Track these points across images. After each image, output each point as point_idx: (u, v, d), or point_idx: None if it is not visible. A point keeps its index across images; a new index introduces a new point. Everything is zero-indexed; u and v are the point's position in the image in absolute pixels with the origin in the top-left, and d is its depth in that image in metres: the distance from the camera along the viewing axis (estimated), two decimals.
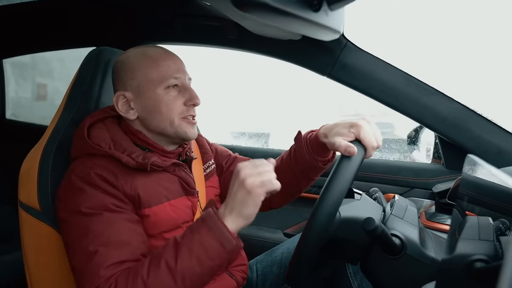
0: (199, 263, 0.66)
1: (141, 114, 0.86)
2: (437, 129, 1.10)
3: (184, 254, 0.67)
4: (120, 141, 0.84)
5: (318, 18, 0.49)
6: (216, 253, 0.67)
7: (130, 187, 0.78)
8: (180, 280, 0.66)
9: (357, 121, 0.75)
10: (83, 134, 0.83)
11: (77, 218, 0.74)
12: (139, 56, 0.86)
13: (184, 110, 0.85)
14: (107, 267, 0.68)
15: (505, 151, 1.05)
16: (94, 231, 0.72)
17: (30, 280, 0.92)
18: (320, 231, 0.66)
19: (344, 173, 0.68)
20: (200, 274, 0.67)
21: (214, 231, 0.67)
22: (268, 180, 0.68)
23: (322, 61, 1.11)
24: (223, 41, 1.19)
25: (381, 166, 1.30)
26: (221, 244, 0.66)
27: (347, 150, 0.72)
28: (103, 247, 0.70)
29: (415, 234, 0.71)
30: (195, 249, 0.67)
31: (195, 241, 0.67)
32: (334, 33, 0.54)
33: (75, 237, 0.74)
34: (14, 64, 2.42)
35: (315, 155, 0.88)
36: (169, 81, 0.84)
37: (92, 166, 0.78)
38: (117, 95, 0.86)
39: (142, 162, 0.80)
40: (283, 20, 0.47)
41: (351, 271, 1.06)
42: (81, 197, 0.75)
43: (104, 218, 0.73)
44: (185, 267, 0.66)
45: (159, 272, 0.66)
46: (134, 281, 0.66)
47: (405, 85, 1.08)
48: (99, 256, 0.69)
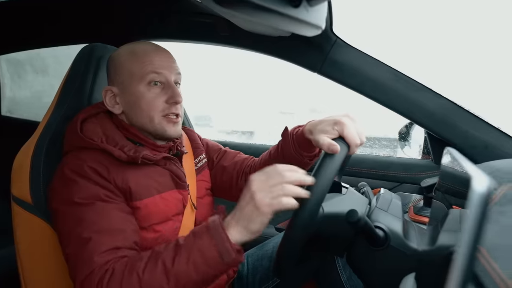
0: (195, 269, 0.65)
1: (125, 109, 0.88)
2: (425, 125, 1.12)
3: (182, 258, 0.66)
4: (112, 136, 0.85)
5: (299, 14, 0.50)
6: (213, 263, 0.65)
7: (121, 180, 0.80)
8: (174, 282, 0.65)
9: (340, 119, 0.76)
10: (76, 129, 0.84)
11: (70, 208, 0.75)
12: (126, 52, 0.88)
13: (166, 108, 0.86)
14: (102, 253, 0.69)
15: (491, 145, 1.06)
16: (87, 219, 0.73)
17: (22, 273, 0.93)
18: (304, 227, 0.66)
19: (326, 171, 0.69)
20: (194, 281, 0.66)
21: (216, 240, 0.65)
22: (278, 198, 0.64)
23: (312, 58, 1.12)
24: (215, 38, 1.20)
25: (370, 161, 1.32)
26: (220, 255, 0.65)
27: (330, 148, 0.73)
28: (96, 234, 0.71)
29: (399, 226, 0.72)
30: (193, 254, 0.66)
31: (195, 247, 0.66)
32: (316, 29, 0.55)
33: (68, 226, 0.74)
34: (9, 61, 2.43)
35: (301, 151, 0.89)
36: (150, 76, 0.85)
37: (85, 159, 0.79)
38: (106, 90, 0.88)
39: (133, 156, 0.81)
40: (264, 16, 0.48)
41: (340, 264, 1.07)
42: (74, 188, 0.76)
43: (97, 207, 0.74)
44: (181, 271, 0.65)
45: (155, 270, 0.66)
46: (130, 274, 0.66)
47: (393, 81, 1.09)
48: (93, 243, 0.70)
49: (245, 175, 1.04)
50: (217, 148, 1.11)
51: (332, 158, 0.71)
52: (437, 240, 0.67)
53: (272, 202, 0.64)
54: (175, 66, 0.89)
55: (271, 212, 0.65)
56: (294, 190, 0.65)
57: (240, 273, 1.09)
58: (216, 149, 1.11)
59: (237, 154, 1.09)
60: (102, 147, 0.81)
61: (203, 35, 1.22)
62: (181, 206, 0.90)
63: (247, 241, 0.67)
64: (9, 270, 1.05)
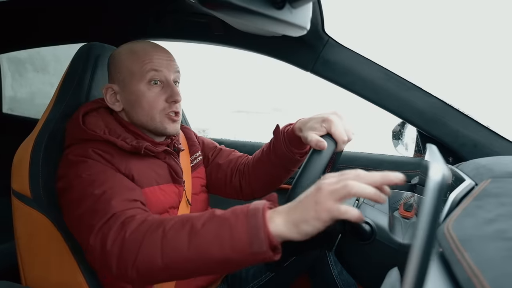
0: (220, 245, 0.58)
1: (125, 106, 0.90)
2: (416, 123, 1.14)
3: (212, 226, 0.60)
4: (114, 128, 0.88)
5: (283, 15, 0.52)
6: (240, 247, 0.57)
7: (125, 167, 0.82)
8: (194, 249, 0.59)
9: (328, 116, 0.78)
10: (79, 122, 0.86)
11: (79, 181, 0.75)
12: (126, 51, 0.90)
13: (166, 107, 0.89)
14: (120, 201, 0.69)
15: (480, 144, 1.08)
16: (99, 180, 0.73)
17: (22, 266, 0.95)
18: None
19: (314, 166, 0.72)
20: (214, 259, 0.59)
21: (249, 225, 0.57)
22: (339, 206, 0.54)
23: (305, 57, 1.14)
24: (209, 38, 1.22)
25: (362, 159, 1.34)
26: (249, 241, 0.57)
27: (317, 145, 0.75)
28: (110, 189, 0.71)
29: (385, 221, 0.74)
30: (224, 229, 0.59)
31: (228, 222, 0.59)
32: (301, 30, 0.57)
33: (79, 191, 0.73)
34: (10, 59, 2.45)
35: (292, 148, 0.91)
36: (150, 75, 0.86)
37: (89, 147, 0.81)
38: (106, 87, 0.90)
39: (137, 145, 0.84)
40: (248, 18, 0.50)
41: (332, 259, 1.10)
42: (82, 167, 0.77)
43: (107, 173, 0.76)
44: (205, 240, 0.59)
45: (181, 231, 0.61)
46: (155, 229, 0.63)
47: (384, 80, 1.11)
48: (108, 194, 0.70)
49: (239, 172, 1.06)
50: (212, 146, 1.13)
51: (320, 154, 0.74)
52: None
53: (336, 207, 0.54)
54: (174, 64, 0.91)
55: (329, 218, 0.55)
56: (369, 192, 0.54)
57: None
58: (211, 147, 1.13)
59: (232, 152, 1.12)
60: (105, 138, 0.83)
61: (198, 35, 1.24)
62: (177, 199, 0.93)
63: (291, 239, 0.57)
64: (10, 265, 1.07)
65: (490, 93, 2.40)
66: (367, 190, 0.54)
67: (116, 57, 0.91)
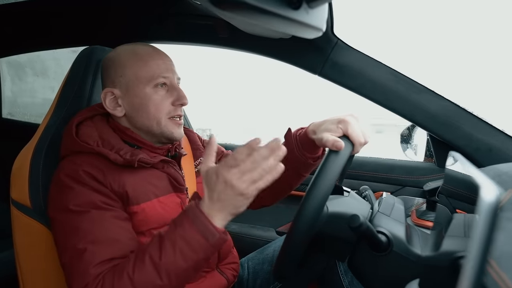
0: (183, 257, 0.65)
1: (128, 111, 0.86)
2: (428, 127, 1.10)
3: (168, 249, 0.65)
4: (108, 139, 0.84)
5: (299, 16, 0.49)
6: (199, 246, 0.65)
7: (118, 184, 0.79)
8: (165, 275, 0.65)
9: (344, 117, 0.76)
10: (71, 132, 0.83)
11: (65, 217, 0.74)
12: (128, 54, 0.86)
13: (172, 110, 0.86)
14: (96, 265, 0.69)
15: (495, 148, 1.05)
16: (83, 229, 0.72)
17: (21, 277, 0.93)
18: (308, 225, 0.65)
19: (331, 167, 0.68)
20: (185, 269, 0.66)
21: (196, 224, 0.65)
22: (260, 180, 0.64)
23: (313, 59, 1.11)
24: (214, 40, 1.19)
25: (372, 164, 1.31)
26: (203, 237, 0.65)
27: (334, 145, 0.72)
28: (91, 244, 0.70)
29: (402, 231, 0.71)
30: (178, 243, 0.65)
31: (177, 235, 0.66)
32: (317, 31, 0.54)
33: (64, 235, 0.74)
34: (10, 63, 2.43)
35: (304, 152, 0.88)
36: (158, 80, 0.84)
37: (80, 164, 0.78)
38: (105, 92, 0.86)
39: (130, 159, 0.80)
40: (263, 19, 0.47)
41: (342, 269, 1.06)
42: (70, 195, 0.75)
43: (92, 216, 0.73)
44: (169, 262, 0.65)
45: (144, 268, 0.66)
46: (120, 277, 0.66)
47: (395, 83, 1.08)
48: (88, 254, 0.70)
49: None
50: (219, 151, 1.10)
51: (337, 155, 0.71)
52: (441, 245, 0.65)
53: (257, 185, 0.64)
54: (176, 70, 0.89)
55: (254, 195, 0.65)
56: (272, 166, 0.64)
57: (240, 277, 1.08)
58: (218, 151, 1.10)
59: None
60: (97, 150, 0.80)
61: (202, 37, 1.21)
62: (179, 210, 0.89)
63: (229, 219, 0.67)
64: (9, 274, 1.05)
65: (503, 94, 2.37)
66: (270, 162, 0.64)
67: (116, 60, 0.87)
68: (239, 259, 1.07)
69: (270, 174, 0.64)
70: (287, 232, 0.70)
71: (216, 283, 0.95)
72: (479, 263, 0.29)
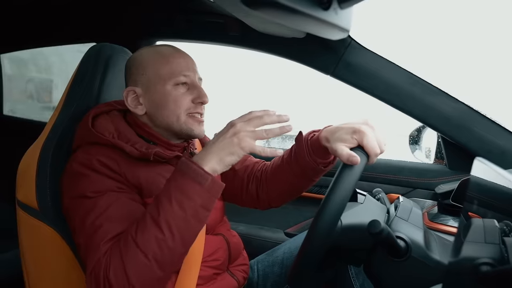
0: (180, 206, 0.66)
1: (149, 109, 0.86)
2: (441, 129, 1.10)
3: (164, 203, 0.67)
4: (124, 132, 0.85)
5: (328, 16, 0.47)
6: (194, 192, 0.66)
7: (132, 176, 0.79)
8: (166, 228, 0.66)
9: (360, 127, 0.73)
10: (88, 124, 0.83)
11: (83, 201, 0.75)
12: (151, 53, 0.87)
13: (192, 107, 0.86)
14: (107, 241, 0.69)
15: (508, 152, 1.04)
16: (99, 207, 0.73)
17: (27, 280, 0.91)
18: (322, 239, 0.65)
19: (345, 183, 0.67)
20: (184, 218, 0.66)
21: (187, 172, 0.67)
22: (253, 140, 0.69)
23: (325, 59, 1.10)
24: (225, 39, 1.18)
25: (383, 166, 1.29)
26: (196, 182, 0.66)
27: (349, 160, 0.70)
28: (107, 221, 0.71)
29: (420, 237, 0.70)
30: (173, 194, 0.67)
31: (171, 187, 0.68)
32: (343, 32, 0.53)
33: (81, 216, 0.74)
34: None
35: (316, 157, 0.86)
36: (179, 78, 0.85)
37: (95, 154, 0.78)
38: (127, 90, 0.87)
39: (146, 152, 0.80)
40: (292, 18, 0.46)
41: (353, 272, 1.05)
42: (86, 182, 0.76)
43: (109, 196, 0.75)
44: (167, 214, 0.66)
45: (146, 227, 0.67)
46: (126, 241, 0.67)
47: (409, 85, 1.07)
48: (103, 230, 0.70)
49: (256, 179, 1.01)
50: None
51: (352, 170, 0.69)
52: (460, 251, 0.64)
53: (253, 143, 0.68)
54: (197, 70, 0.89)
55: (248, 149, 0.68)
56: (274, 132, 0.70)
57: (250, 279, 1.07)
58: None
59: (248, 158, 1.07)
60: (113, 142, 0.80)
61: (214, 36, 1.20)
62: None
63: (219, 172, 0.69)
64: (15, 274, 1.04)
65: None
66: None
67: (138, 59, 0.88)
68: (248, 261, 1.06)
69: (267, 134, 0.69)
70: (301, 246, 0.69)
71: (227, 285, 0.94)
72: None
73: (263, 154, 0.69)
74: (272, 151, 0.70)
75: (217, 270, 0.92)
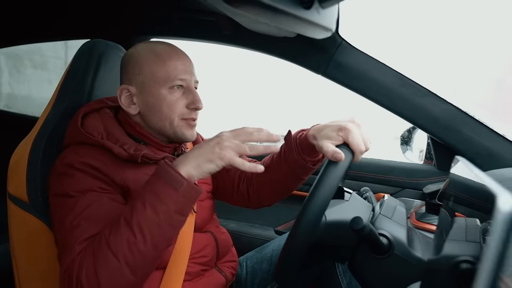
0: (153, 210, 0.65)
1: (142, 110, 0.86)
2: (429, 130, 1.11)
3: (138, 206, 0.66)
4: (113, 132, 0.84)
5: (310, 15, 0.48)
6: (168, 197, 0.65)
7: (120, 177, 0.79)
8: (138, 231, 0.65)
9: (346, 125, 0.74)
10: (77, 123, 0.83)
11: (64, 200, 0.75)
12: (147, 52, 0.85)
13: (186, 113, 0.85)
14: (82, 241, 0.69)
15: (495, 153, 1.05)
16: (79, 206, 0.73)
17: (17, 272, 0.92)
18: (306, 235, 0.65)
19: (330, 179, 0.67)
20: (157, 222, 0.66)
21: (163, 175, 0.67)
22: (238, 152, 0.68)
23: (316, 59, 1.11)
24: (217, 37, 1.18)
25: (372, 166, 1.30)
26: (171, 187, 0.66)
27: (334, 156, 0.70)
28: (85, 221, 0.71)
29: (403, 234, 0.71)
30: (147, 197, 0.66)
31: (146, 191, 0.67)
32: (326, 31, 0.54)
33: (61, 214, 0.74)
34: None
35: (304, 155, 0.87)
36: (174, 82, 0.83)
37: (83, 155, 0.78)
38: (121, 89, 0.86)
39: (134, 154, 0.80)
40: (274, 17, 0.47)
41: (340, 269, 1.06)
42: (69, 182, 0.76)
43: (90, 196, 0.75)
44: (140, 217, 0.65)
45: (118, 228, 0.66)
46: (99, 243, 0.66)
47: (398, 86, 1.08)
48: (80, 230, 0.70)
49: (247, 179, 1.02)
50: None
51: (336, 166, 0.69)
52: (442, 249, 0.65)
53: (234, 155, 0.68)
54: (194, 72, 0.88)
55: (228, 160, 0.67)
56: (259, 149, 0.70)
57: (238, 276, 1.08)
58: None
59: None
60: (101, 143, 0.80)
61: (206, 34, 1.20)
62: None
63: (198, 178, 0.69)
64: (5, 267, 1.03)
65: None
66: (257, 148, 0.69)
67: (134, 57, 0.86)
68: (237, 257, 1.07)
69: (250, 151, 0.69)
70: (286, 240, 0.69)
71: (215, 282, 0.94)
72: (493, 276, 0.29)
73: (241, 168, 0.68)
74: (252, 166, 0.69)
75: (204, 267, 0.93)
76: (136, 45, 0.89)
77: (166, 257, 0.84)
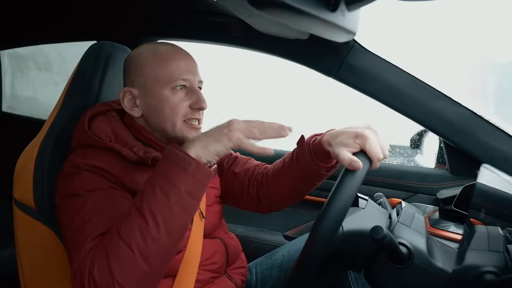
0: (163, 193, 0.64)
1: (145, 112, 0.84)
2: (443, 134, 1.09)
3: (148, 190, 0.65)
4: (121, 135, 0.82)
5: (335, 18, 0.46)
6: (177, 177, 0.64)
7: (129, 180, 0.77)
8: (150, 216, 0.63)
9: (362, 131, 0.71)
10: (84, 126, 0.81)
11: (73, 199, 0.73)
12: (149, 53, 0.84)
13: (189, 113, 0.83)
14: (94, 238, 0.67)
15: (511, 158, 1.03)
16: (89, 203, 0.71)
17: (22, 278, 0.90)
18: (322, 246, 0.64)
19: (347, 188, 0.66)
20: (168, 205, 0.63)
21: (170, 157, 0.66)
22: (245, 138, 0.67)
23: (328, 62, 1.09)
24: (227, 39, 1.17)
25: (384, 170, 1.28)
26: (179, 166, 0.64)
27: (351, 165, 0.68)
28: (96, 217, 0.69)
29: (423, 243, 0.69)
30: (156, 181, 0.65)
31: (155, 176, 0.66)
32: (349, 34, 0.52)
33: (70, 213, 0.72)
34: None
35: (318, 161, 0.85)
36: (177, 82, 0.82)
37: (90, 158, 0.77)
38: (124, 91, 0.84)
39: (143, 156, 0.78)
40: (298, 20, 0.45)
41: (352, 276, 1.04)
42: (78, 181, 0.74)
43: (100, 193, 0.73)
44: (151, 201, 0.64)
45: (129, 217, 0.64)
46: (110, 236, 0.64)
47: (412, 89, 1.06)
48: (91, 226, 0.68)
49: (257, 183, 1.00)
50: (227, 154, 1.07)
51: (354, 175, 0.67)
52: (464, 259, 0.63)
53: (242, 137, 0.66)
54: (198, 71, 0.86)
55: (236, 140, 0.66)
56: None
57: (248, 282, 1.06)
58: (226, 154, 1.07)
59: (249, 160, 1.06)
60: (110, 146, 0.78)
61: (216, 36, 1.19)
62: None
63: (207, 159, 0.67)
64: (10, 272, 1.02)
65: None
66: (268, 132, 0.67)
67: (136, 59, 0.85)
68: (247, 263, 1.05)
69: (259, 134, 0.67)
70: (301, 252, 0.68)
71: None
72: None
73: (250, 149, 0.66)
74: (261, 149, 0.67)
75: (214, 274, 0.91)
76: (138, 47, 0.88)
77: (176, 265, 0.82)
